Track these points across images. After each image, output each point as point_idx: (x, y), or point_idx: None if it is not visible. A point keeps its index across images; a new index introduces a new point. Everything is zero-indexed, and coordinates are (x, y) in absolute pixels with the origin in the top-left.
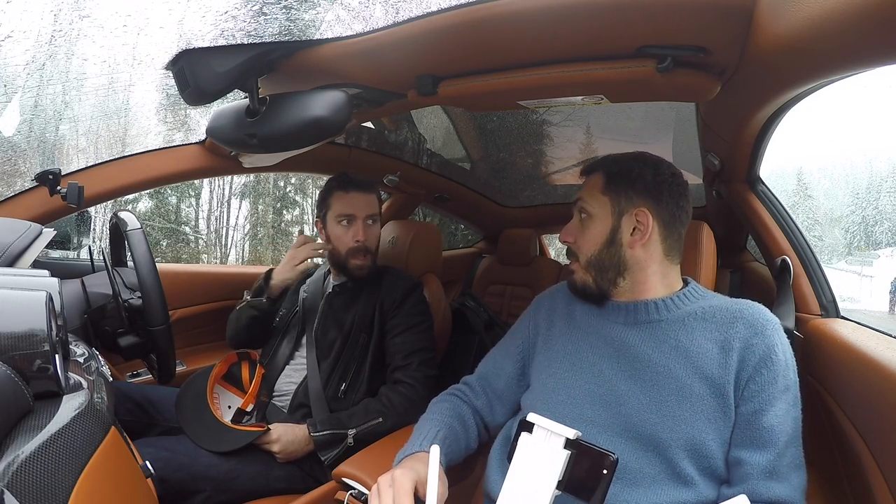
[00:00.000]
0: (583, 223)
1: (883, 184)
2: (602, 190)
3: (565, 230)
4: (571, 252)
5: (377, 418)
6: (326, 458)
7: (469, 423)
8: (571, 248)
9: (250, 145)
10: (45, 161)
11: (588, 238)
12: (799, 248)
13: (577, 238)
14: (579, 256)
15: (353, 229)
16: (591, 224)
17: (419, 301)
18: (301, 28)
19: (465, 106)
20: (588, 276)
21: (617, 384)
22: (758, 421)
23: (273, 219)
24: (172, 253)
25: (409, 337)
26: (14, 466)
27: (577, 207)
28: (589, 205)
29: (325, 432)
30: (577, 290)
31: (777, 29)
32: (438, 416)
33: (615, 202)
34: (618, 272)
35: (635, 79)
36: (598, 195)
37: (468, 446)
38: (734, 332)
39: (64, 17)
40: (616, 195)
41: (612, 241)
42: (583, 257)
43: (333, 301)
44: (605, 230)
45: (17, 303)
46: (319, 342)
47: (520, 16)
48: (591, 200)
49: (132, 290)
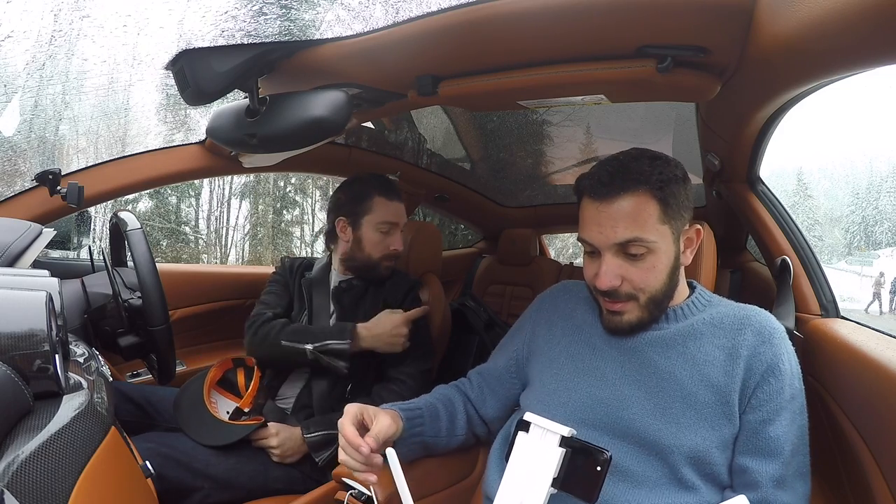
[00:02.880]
0: (638, 260)
1: (883, 184)
2: (660, 219)
3: (608, 275)
4: (621, 295)
5: None
6: (320, 459)
7: (457, 408)
8: (621, 291)
9: (250, 145)
10: (45, 161)
11: (654, 276)
12: (799, 248)
13: (633, 278)
14: (639, 296)
15: (392, 238)
16: (655, 259)
17: (416, 299)
18: (301, 28)
19: (465, 106)
20: (646, 313)
21: (621, 388)
22: (764, 431)
23: (273, 219)
24: (172, 253)
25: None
26: (14, 466)
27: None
28: (650, 241)
29: (318, 433)
30: (625, 330)
31: (777, 29)
32: (426, 397)
33: (674, 228)
34: (671, 297)
35: (635, 79)
36: (657, 226)
37: (451, 429)
38: (741, 340)
39: (64, 17)
40: (673, 219)
41: (676, 268)
42: (644, 296)
43: (341, 298)
44: (670, 260)
45: (17, 303)
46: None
47: (520, 16)
48: (652, 233)
49: (132, 290)
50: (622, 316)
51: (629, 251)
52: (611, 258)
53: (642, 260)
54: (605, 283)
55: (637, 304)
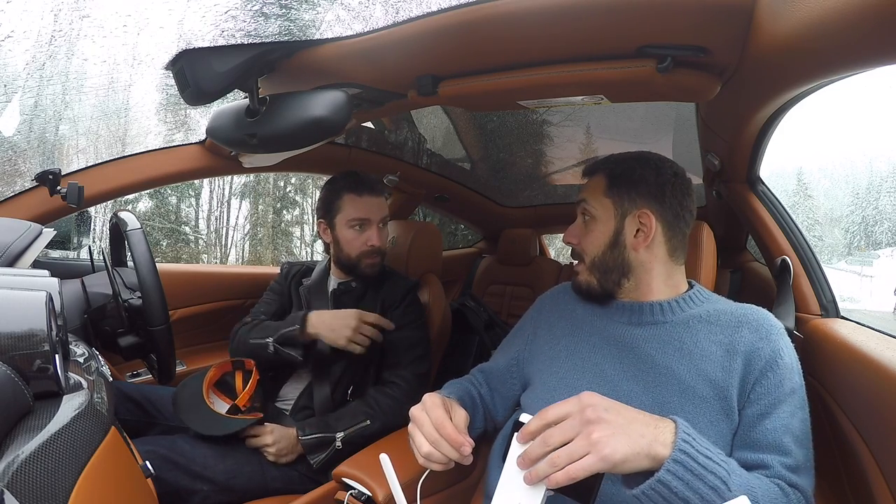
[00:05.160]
0: (586, 225)
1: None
2: (605, 192)
3: (569, 231)
4: (576, 253)
5: (364, 420)
6: (315, 462)
7: (477, 402)
8: (576, 249)
9: (250, 145)
10: (45, 161)
11: (592, 240)
12: (799, 248)
13: (580, 239)
14: (584, 258)
15: (367, 234)
16: (595, 226)
17: (415, 301)
18: (301, 28)
19: (465, 106)
20: (592, 278)
21: (620, 384)
22: (762, 423)
23: (273, 219)
24: (172, 253)
25: (402, 335)
26: (14, 466)
27: (580, 209)
28: (592, 207)
29: (312, 436)
30: (582, 290)
31: (777, 29)
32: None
33: (618, 204)
34: (622, 274)
35: (635, 79)
36: (600, 197)
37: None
38: (739, 337)
39: (64, 17)
40: (619, 197)
41: (616, 243)
42: (587, 258)
43: (340, 301)
44: (609, 232)
45: (17, 303)
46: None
47: (520, 16)
48: (594, 202)
49: (132, 290)
50: (578, 276)
51: (583, 214)
52: (578, 219)
53: (588, 224)
54: (567, 236)
55: (585, 267)
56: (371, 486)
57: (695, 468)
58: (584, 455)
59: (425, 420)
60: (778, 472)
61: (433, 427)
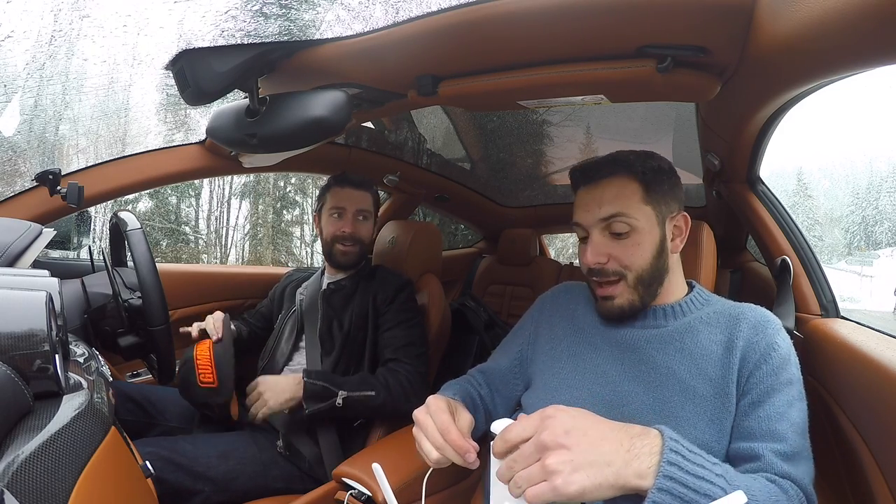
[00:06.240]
0: (624, 238)
1: (883, 184)
2: (643, 199)
3: (594, 251)
4: (607, 272)
5: (370, 391)
6: (310, 410)
7: (477, 403)
8: (607, 268)
9: (250, 145)
10: (45, 161)
11: (638, 254)
12: (799, 248)
13: (619, 255)
14: (626, 275)
15: (342, 221)
16: (639, 237)
17: (409, 298)
18: (301, 28)
19: (465, 106)
20: (636, 295)
21: (621, 385)
22: (755, 412)
23: (273, 219)
24: (172, 253)
25: (399, 332)
26: (14, 466)
27: (607, 224)
28: (632, 218)
29: (318, 382)
30: (625, 313)
31: (777, 29)
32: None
33: (658, 210)
34: (660, 283)
35: (635, 79)
36: (640, 206)
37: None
38: (737, 333)
39: (64, 17)
40: (657, 203)
41: (661, 251)
42: (631, 275)
43: (331, 299)
44: (655, 241)
45: (17, 303)
46: (324, 340)
47: (520, 16)
48: (635, 213)
49: (132, 290)
50: (613, 300)
51: (614, 230)
52: (597, 236)
53: (627, 238)
54: (591, 259)
55: (626, 285)
56: (371, 486)
57: (685, 494)
58: (541, 482)
59: (430, 424)
60: (769, 462)
61: (438, 432)
